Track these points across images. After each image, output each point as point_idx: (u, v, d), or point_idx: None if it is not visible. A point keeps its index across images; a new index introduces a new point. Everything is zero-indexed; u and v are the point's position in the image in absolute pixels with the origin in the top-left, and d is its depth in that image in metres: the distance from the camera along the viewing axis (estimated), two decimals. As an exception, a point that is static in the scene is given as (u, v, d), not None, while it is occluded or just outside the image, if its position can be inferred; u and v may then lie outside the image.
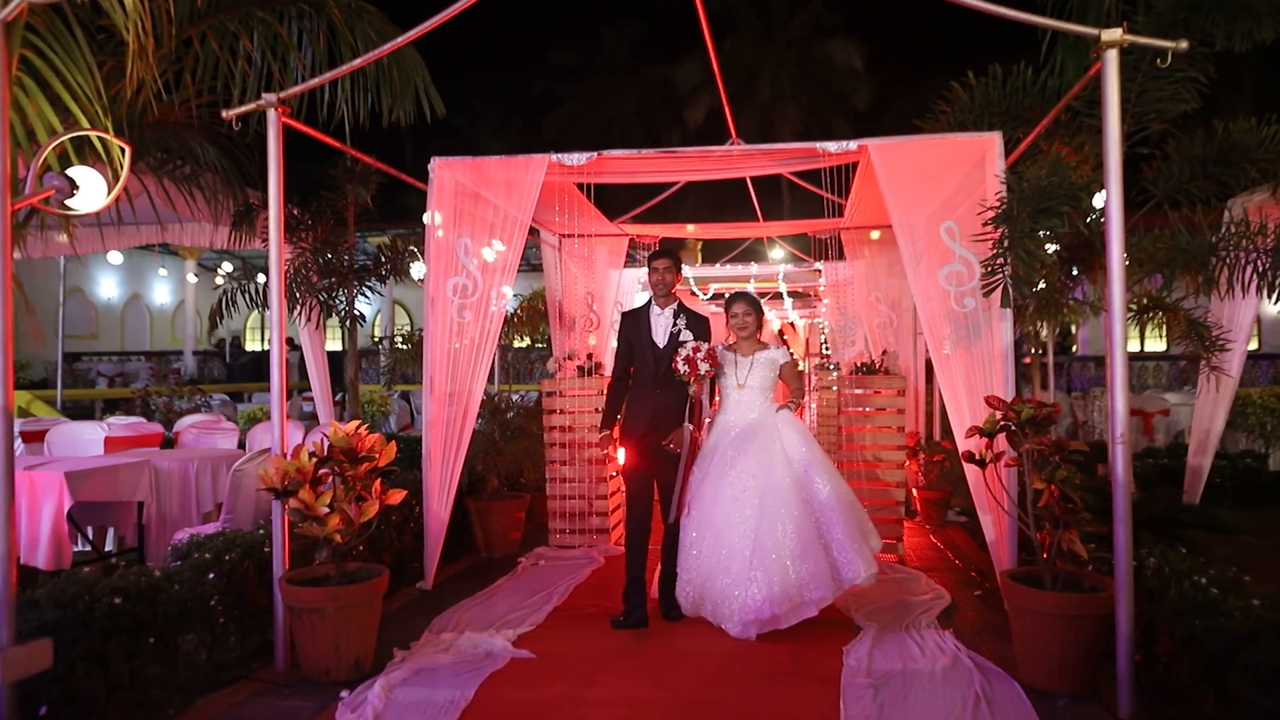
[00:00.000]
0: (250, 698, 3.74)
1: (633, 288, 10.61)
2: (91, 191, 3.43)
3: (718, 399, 4.97)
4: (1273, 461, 9.33)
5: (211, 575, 3.84)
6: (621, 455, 4.96)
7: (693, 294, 12.93)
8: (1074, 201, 4.17)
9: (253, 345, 28.16)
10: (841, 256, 8.70)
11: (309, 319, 6.15)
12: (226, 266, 20.17)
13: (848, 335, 10.20)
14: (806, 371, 13.18)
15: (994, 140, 4.71)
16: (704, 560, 4.57)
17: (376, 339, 12.45)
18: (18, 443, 6.45)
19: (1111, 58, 3.41)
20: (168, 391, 12.29)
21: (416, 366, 8.73)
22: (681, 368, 4.58)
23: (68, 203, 3.39)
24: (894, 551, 6.11)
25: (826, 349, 13.08)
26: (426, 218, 5.41)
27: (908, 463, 7.81)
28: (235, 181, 5.74)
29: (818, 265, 10.74)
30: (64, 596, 3.32)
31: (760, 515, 4.45)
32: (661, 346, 4.77)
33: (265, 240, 6.29)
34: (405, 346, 7.12)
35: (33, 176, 3.29)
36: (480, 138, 30.02)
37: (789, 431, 4.69)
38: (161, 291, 26.06)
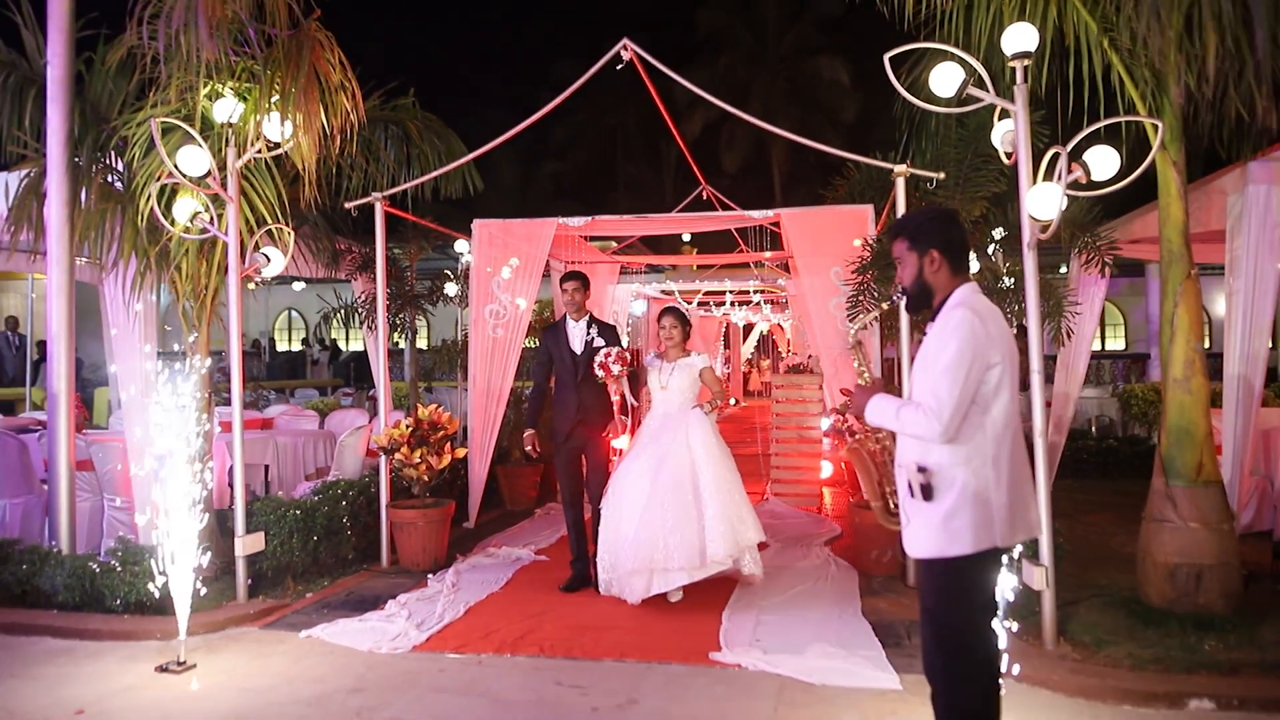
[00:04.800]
0: (369, 578, 5.92)
1: (626, 298, 12.82)
2: (276, 261, 5.62)
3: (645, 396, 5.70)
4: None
5: (343, 503, 6.02)
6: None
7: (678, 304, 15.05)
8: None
9: (282, 345, 30.36)
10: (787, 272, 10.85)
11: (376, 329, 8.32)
12: (268, 274, 22.30)
13: (807, 339, 12.36)
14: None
15: (867, 211, 6.85)
16: (614, 536, 5.19)
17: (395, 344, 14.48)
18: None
19: (900, 182, 5.57)
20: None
21: (445, 366, 10.90)
22: (598, 372, 5.34)
23: (263, 269, 5.59)
24: (815, 505, 8.27)
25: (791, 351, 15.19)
26: (468, 258, 7.55)
27: (837, 441, 9.99)
28: (329, 232, 7.89)
29: (780, 281, 12.90)
30: (268, 508, 5.53)
31: (651, 495, 5.05)
32: (579, 353, 5.56)
33: (347, 275, 8.46)
34: (426, 350, 9.24)
35: (249, 255, 5.46)
36: (486, 144, 32.03)
37: (696, 426, 5.31)
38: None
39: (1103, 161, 4.17)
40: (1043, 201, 4.08)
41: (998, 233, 6.44)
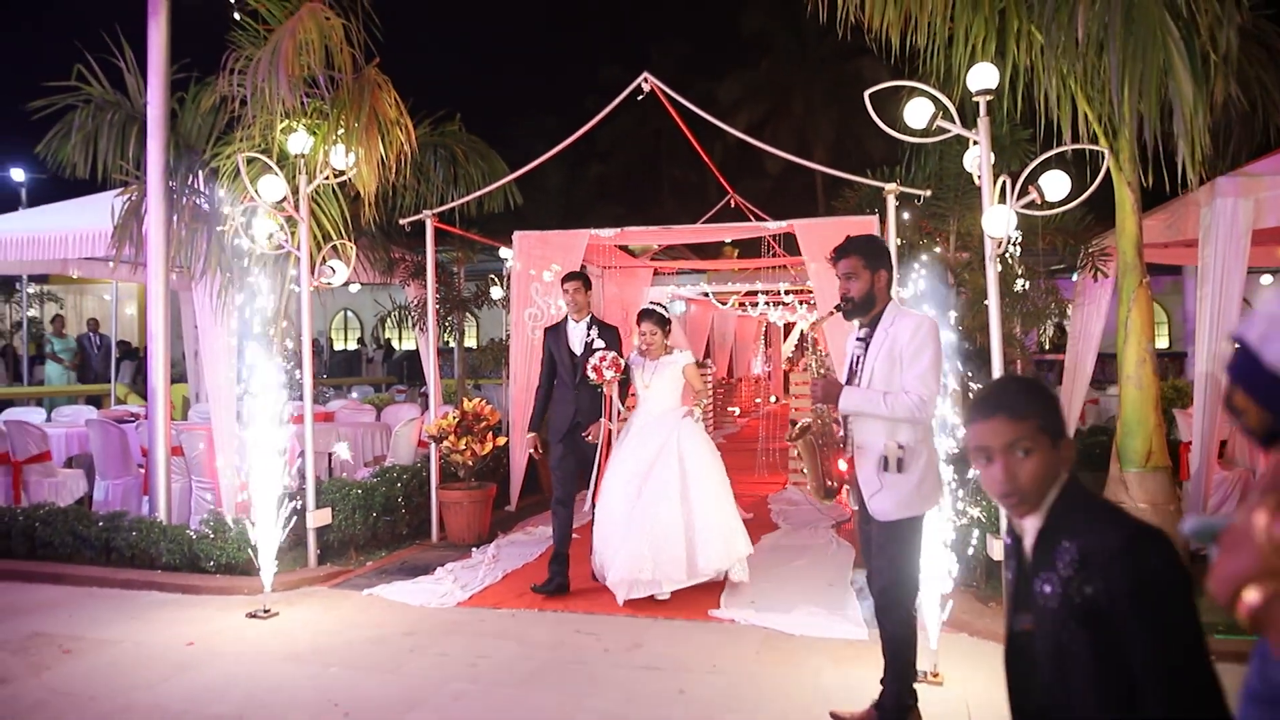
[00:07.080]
0: (421, 550, 6.73)
1: (663, 299, 13.51)
2: (340, 273, 6.44)
3: (631, 398, 5.78)
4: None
5: (399, 485, 6.84)
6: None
7: (714, 305, 15.69)
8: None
9: (339, 345, 31.69)
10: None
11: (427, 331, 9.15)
12: (334, 284, 23.48)
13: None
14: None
15: (873, 221, 7.45)
16: (602, 532, 5.45)
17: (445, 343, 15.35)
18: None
19: (891, 199, 6.18)
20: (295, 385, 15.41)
21: (491, 364, 11.72)
22: (591, 375, 5.31)
23: (329, 280, 6.42)
24: (829, 493, 8.90)
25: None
26: (510, 267, 8.34)
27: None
28: (385, 243, 8.73)
29: (809, 282, 13.46)
30: (334, 487, 6.36)
31: (638, 501, 5.19)
32: (578, 354, 5.51)
33: (401, 281, 9.30)
34: (474, 349, 10.11)
35: (317, 268, 6.29)
36: (536, 149, 33.05)
37: (688, 436, 5.34)
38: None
39: (1055, 184, 4.76)
40: (996, 221, 4.68)
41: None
